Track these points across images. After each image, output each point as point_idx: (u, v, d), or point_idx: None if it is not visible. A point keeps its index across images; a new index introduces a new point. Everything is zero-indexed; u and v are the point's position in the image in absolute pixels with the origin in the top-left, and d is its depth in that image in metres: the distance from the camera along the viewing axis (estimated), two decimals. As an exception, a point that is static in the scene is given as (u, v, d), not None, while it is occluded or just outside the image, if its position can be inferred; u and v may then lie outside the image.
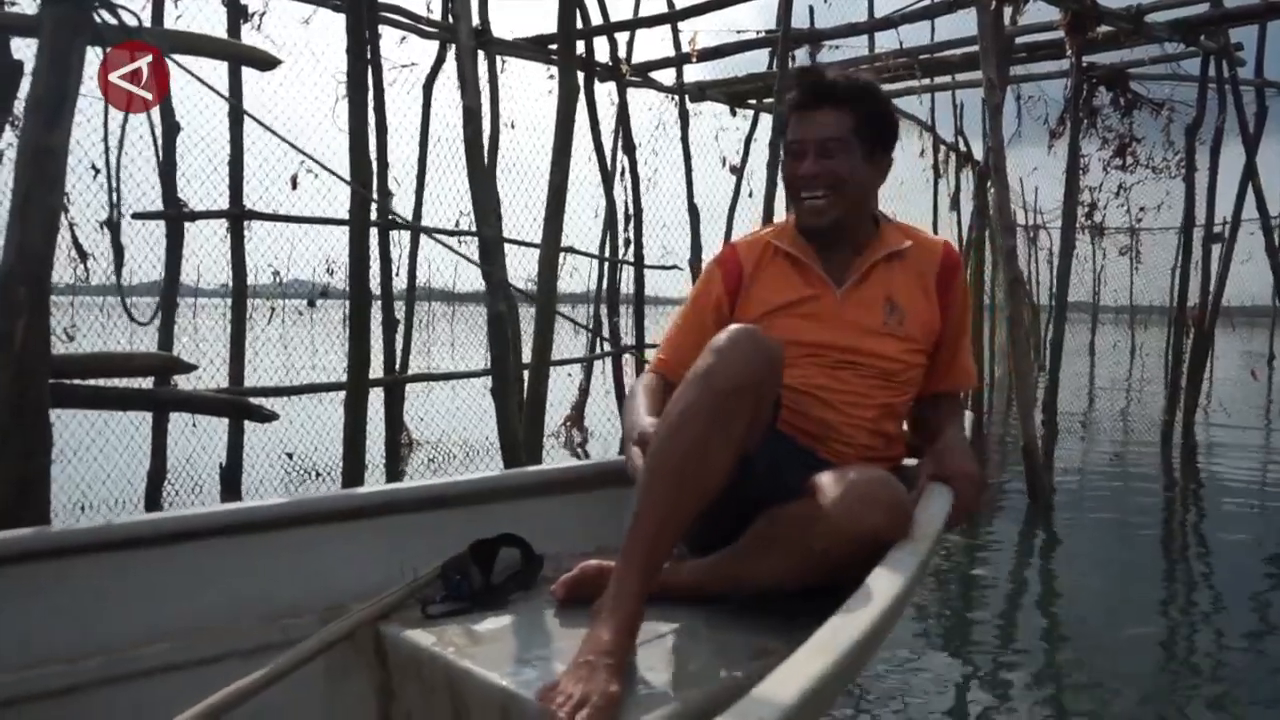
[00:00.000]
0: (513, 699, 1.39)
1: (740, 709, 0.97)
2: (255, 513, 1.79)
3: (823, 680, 1.06)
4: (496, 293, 3.26)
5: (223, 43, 2.44)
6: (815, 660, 1.09)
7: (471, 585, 1.75)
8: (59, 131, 2.20)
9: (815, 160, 1.81)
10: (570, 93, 3.62)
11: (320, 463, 5.20)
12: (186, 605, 1.63)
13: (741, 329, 1.59)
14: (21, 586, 1.50)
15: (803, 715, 1.01)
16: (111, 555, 1.59)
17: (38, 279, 2.18)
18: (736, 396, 1.50)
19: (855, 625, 1.21)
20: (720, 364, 1.52)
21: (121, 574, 1.59)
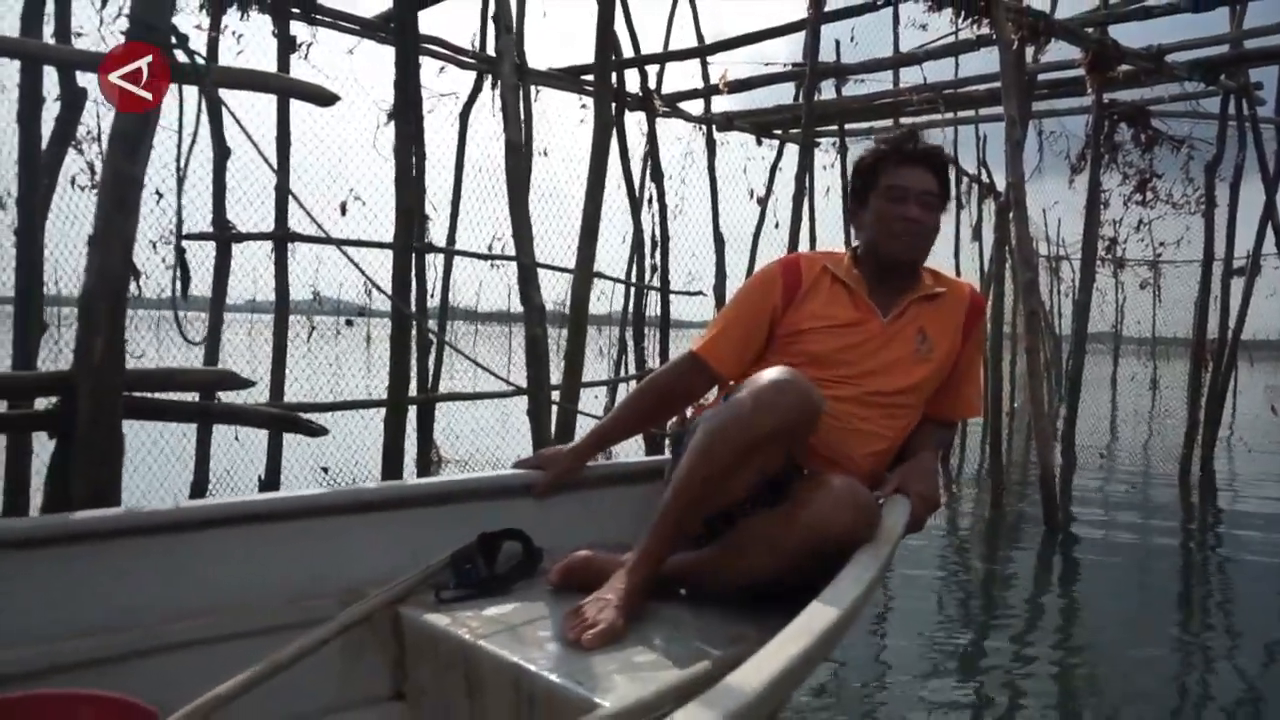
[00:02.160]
0: (523, 673, 1.55)
1: (745, 670, 1.17)
2: (281, 503, 1.95)
3: (802, 656, 1.27)
4: (534, 316, 3.42)
5: (287, 80, 2.61)
6: (798, 640, 1.30)
7: (479, 574, 1.91)
8: (138, 162, 2.37)
9: (917, 207, 2.04)
10: (605, 127, 3.78)
11: (354, 476, 5.36)
12: (217, 585, 1.76)
13: (792, 378, 1.73)
14: (69, 565, 1.64)
15: (775, 694, 1.19)
16: (151, 538, 1.73)
17: (116, 298, 2.34)
18: (771, 440, 1.72)
19: (829, 614, 1.40)
20: (763, 410, 1.70)
21: (159, 555, 1.73)
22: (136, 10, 2.42)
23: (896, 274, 2.11)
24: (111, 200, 2.35)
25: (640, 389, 2.21)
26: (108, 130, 4.13)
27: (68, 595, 1.63)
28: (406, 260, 3.60)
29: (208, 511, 1.86)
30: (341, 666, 1.81)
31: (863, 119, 7.95)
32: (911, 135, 2.19)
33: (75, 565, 1.66)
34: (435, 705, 1.77)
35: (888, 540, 1.71)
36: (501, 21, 3.50)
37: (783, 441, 1.75)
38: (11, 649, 1.53)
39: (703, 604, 1.84)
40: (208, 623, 1.72)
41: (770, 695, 1.22)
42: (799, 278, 2.12)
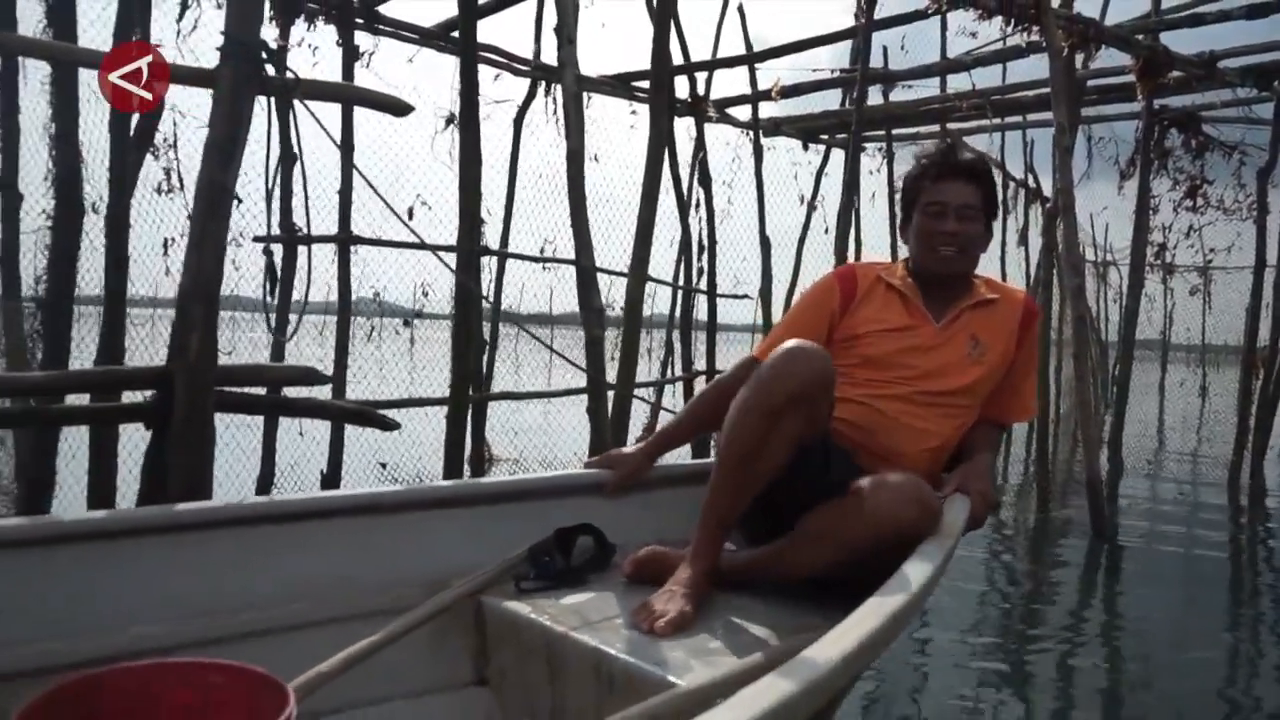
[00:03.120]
0: (603, 656, 1.66)
1: (813, 650, 1.26)
2: (371, 498, 2.07)
3: (872, 636, 1.35)
4: (594, 319, 3.54)
5: (366, 91, 2.74)
6: (864, 624, 1.38)
7: (556, 566, 2.03)
8: (231, 171, 2.52)
9: (955, 221, 2.12)
10: (660, 135, 3.89)
11: (410, 472, 5.52)
12: (313, 574, 1.89)
13: (797, 347, 1.85)
14: (191, 551, 1.79)
15: (848, 668, 1.28)
16: (255, 529, 1.86)
17: (209, 298, 2.49)
18: (790, 404, 1.81)
19: (896, 600, 1.48)
20: (776, 377, 1.82)
21: (262, 545, 1.86)
22: (230, 27, 2.56)
23: (946, 283, 2.20)
24: (206, 207, 2.50)
25: (704, 393, 2.32)
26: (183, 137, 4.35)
27: (197, 580, 1.77)
28: (471, 263, 3.73)
29: (306, 505, 1.99)
30: (428, 652, 1.91)
31: (910, 124, 7.99)
32: (950, 148, 2.27)
33: (185, 552, 1.79)
34: (517, 689, 1.88)
35: (949, 534, 1.80)
36: (564, 33, 3.62)
37: (802, 407, 1.82)
38: (137, 627, 1.67)
39: (768, 596, 1.94)
40: (305, 608, 1.85)
41: (843, 669, 1.32)
42: (854, 285, 2.22)
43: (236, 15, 2.56)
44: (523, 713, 1.89)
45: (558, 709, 1.78)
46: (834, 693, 1.47)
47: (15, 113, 3.74)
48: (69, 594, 1.67)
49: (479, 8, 4.12)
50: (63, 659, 1.58)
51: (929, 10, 5.13)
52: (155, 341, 4.65)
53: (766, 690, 1.22)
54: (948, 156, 2.22)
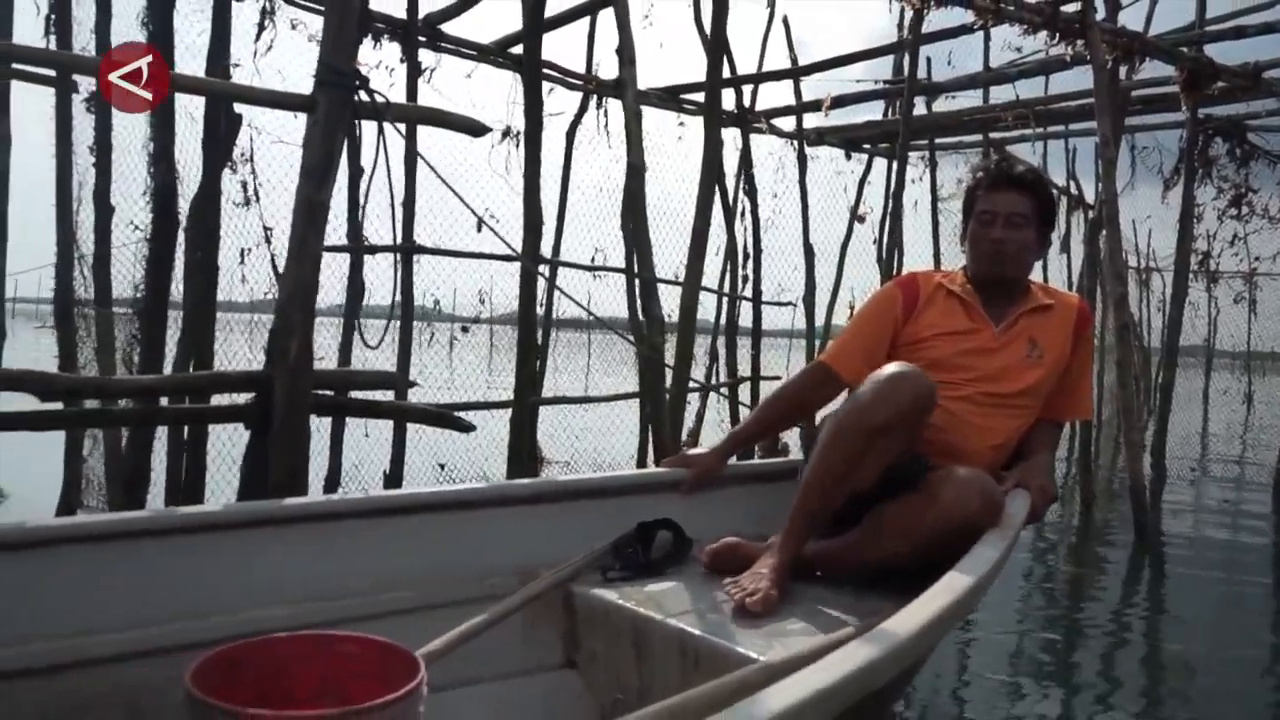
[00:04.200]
0: (688, 636, 1.82)
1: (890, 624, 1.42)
2: (466, 494, 2.26)
3: (944, 612, 1.51)
4: (654, 327, 3.70)
5: (447, 114, 2.93)
6: (936, 601, 1.54)
7: (639, 558, 2.19)
8: (327, 189, 2.72)
9: (1003, 229, 2.27)
10: (714, 152, 4.06)
11: (466, 472, 5.72)
12: (416, 563, 2.06)
13: (903, 372, 1.99)
14: (302, 542, 1.96)
15: (923, 641, 1.43)
16: (362, 521, 2.05)
17: (307, 307, 2.69)
18: (890, 428, 1.98)
19: (964, 581, 1.64)
20: (879, 402, 1.97)
21: (369, 535, 2.04)
22: (326, 56, 2.76)
23: (1004, 289, 2.34)
24: (304, 222, 2.70)
25: (773, 396, 2.47)
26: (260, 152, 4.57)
27: (311, 568, 1.95)
28: (534, 275, 3.91)
29: (405, 500, 2.18)
30: (521, 637, 2.07)
31: (953, 134, 8.08)
32: (1004, 160, 2.43)
33: (305, 543, 1.97)
34: (605, 670, 2.04)
35: (1011, 526, 1.94)
36: (625, 54, 3.79)
37: (901, 430, 1.98)
38: (264, 609, 1.86)
39: (838, 584, 2.09)
40: (409, 595, 2.01)
41: (919, 641, 1.47)
42: (916, 292, 2.38)
43: (333, 45, 2.76)
44: (610, 692, 2.03)
45: (645, 687, 1.92)
46: (910, 662, 1.62)
47: (108, 132, 3.99)
48: (203, 579, 1.85)
49: (540, 24, 4.30)
50: (204, 635, 1.76)
51: (974, 25, 5.24)
52: (229, 345, 4.87)
53: (854, 653, 1.37)
54: (1001, 167, 2.37)
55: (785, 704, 1.21)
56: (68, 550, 1.76)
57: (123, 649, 1.73)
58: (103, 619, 1.73)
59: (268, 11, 4.62)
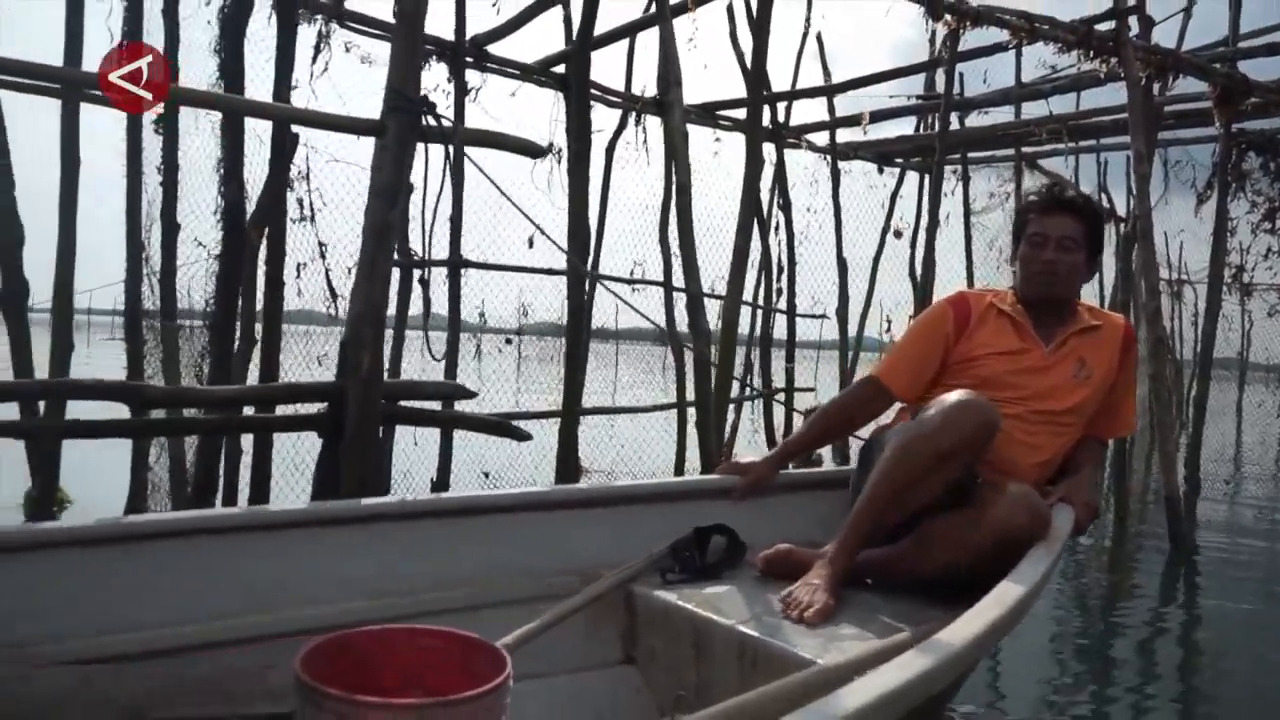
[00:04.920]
0: (747, 638, 1.91)
1: (951, 630, 1.52)
2: (530, 497, 2.37)
3: (997, 621, 1.60)
4: (701, 339, 3.82)
5: (506, 136, 3.07)
6: (989, 612, 1.63)
7: (696, 561, 2.29)
8: (396, 211, 2.87)
9: (1054, 251, 2.37)
10: (755, 171, 4.18)
11: (508, 480, 5.85)
12: (483, 562, 2.17)
13: (971, 400, 2.09)
14: (375, 540, 2.08)
15: (977, 649, 1.52)
16: (428, 521, 2.16)
17: (378, 322, 2.84)
18: (955, 453, 2.08)
19: (1016, 591, 1.74)
20: (947, 428, 2.07)
21: (432, 535, 2.15)
22: (395, 83, 2.91)
23: (1053, 310, 2.44)
24: (374, 243, 2.85)
25: (825, 409, 2.58)
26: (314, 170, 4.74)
27: (379, 565, 2.07)
28: (582, 287, 4.05)
29: (475, 501, 2.30)
30: (582, 635, 2.17)
31: (985, 148, 8.16)
32: (1056, 186, 2.54)
33: (384, 541, 2.10)
34: (664, 667, 2.14)
35: (1058, 539, 2.04)
36: (671, 76, 3.93)
37: (965, 455, 2.09)
38: (339, 604, 1.97)
39: (890, 593, 2.18)
40: (475, 592, 2.13)
41: (973, 649, 1.57)
42: (968, 311, 2.47)
43: (402, 72, 2.92)
44: (668, 689, 2.12)
45: (703, 685, 2.01)
46: (964, 668, 1.72)
47: (175, 153, 4.17)
48: (284, 574, 1.98)
49: (588, 46, 4.44)
50: (285, 628, 1.89)
51: (1009, 44, 5.33)
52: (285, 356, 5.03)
53: (915, 660, 1.47)
54: (1052, 192, 2.47)
55: (855, 705, 1.32)
56: (165, 545, 1.90)
57: (213, 638, 1.86)
58: (195, 610, 1.87)
59: (323, 35, 4.80)
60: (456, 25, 5.29)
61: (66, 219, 4.30)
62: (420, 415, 2.96)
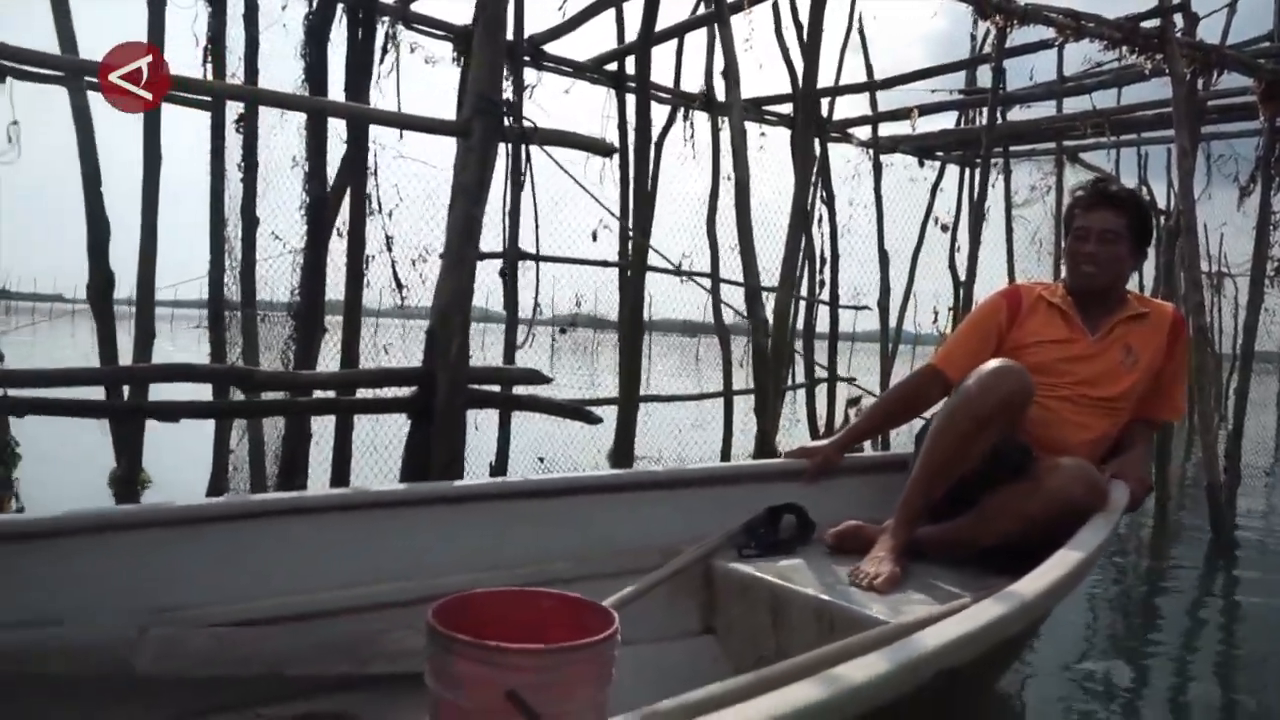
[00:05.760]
0: (824, 604, 2.09)
1: (1007, 591, 1.67)
2: (614, 479, 2.56)
3: (1059, 581, 1.76)
4: (760, 329, 3.99)
5: (578, 136, 3.26)
6: (1054, 571, 1.80)
7: (769, 538, 2.46)
8: (480, 206, 3.06)
9: (1096, 244, 2.52)
10: (807, 170, 4.33)
11: (563, 464, 6.05)
12: (571, 539, 2.35)
13: (1006, 366, 2.26)
14: (474, 518, 2.26)
15: (1044, 604, 1.68)
16: (521, 501, 2.35)
17: (464, 310, 3.03)
18: (987, 420, 2.26)
19: (1075, 556, 1.90)
20: (983, 392, 2.25)
21: (527, 514, 2.34)
22: (479, 88, 3.10)
23: (1099, 300, 2.59)
24: (461, 237, 3.04)
25: (887, 395, 2.76)
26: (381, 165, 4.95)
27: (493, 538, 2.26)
28: (642, 278, 4.22)
29: (563, 483, 2.50)
30: (664, 607, 2.33)
31: (1026, 141, 8.23)
32: (1101, 181, 2.69)
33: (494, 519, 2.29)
34: (742, 636, 2.31)
35: (1115, 510, 2.20)
36: (730, 77, 4.09)
37: (1003, 417, 2.25)
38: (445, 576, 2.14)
39: (950, 565, 2.35)
40: (565, 566, 2.30)
41: (1040, 603, 1.74)
42: (1019, 302, 2.63)
43: (486, 78, 3.11)
44: (746, 655, 2.29)
45: (782, 650, 2.17)
46: (1030, 622, 1.88)
47: (254, 150, 4.40)
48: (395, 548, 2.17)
49: (650, 44, 4.60)
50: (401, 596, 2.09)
51: (1054, 41, 5.43)
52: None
53: (991, 607, 1.64)
54: (1096, 187, 2.63)
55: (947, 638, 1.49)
56: (299, 520, 2.11)
57: (339, 605, 2.06)
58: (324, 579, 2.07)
59: (390, 36, 4.99)
60: (515, 25, 5.47)
61: (148, 214, 4.54)
62: (503, 399, 3.15)
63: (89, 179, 4.28)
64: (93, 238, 4.30)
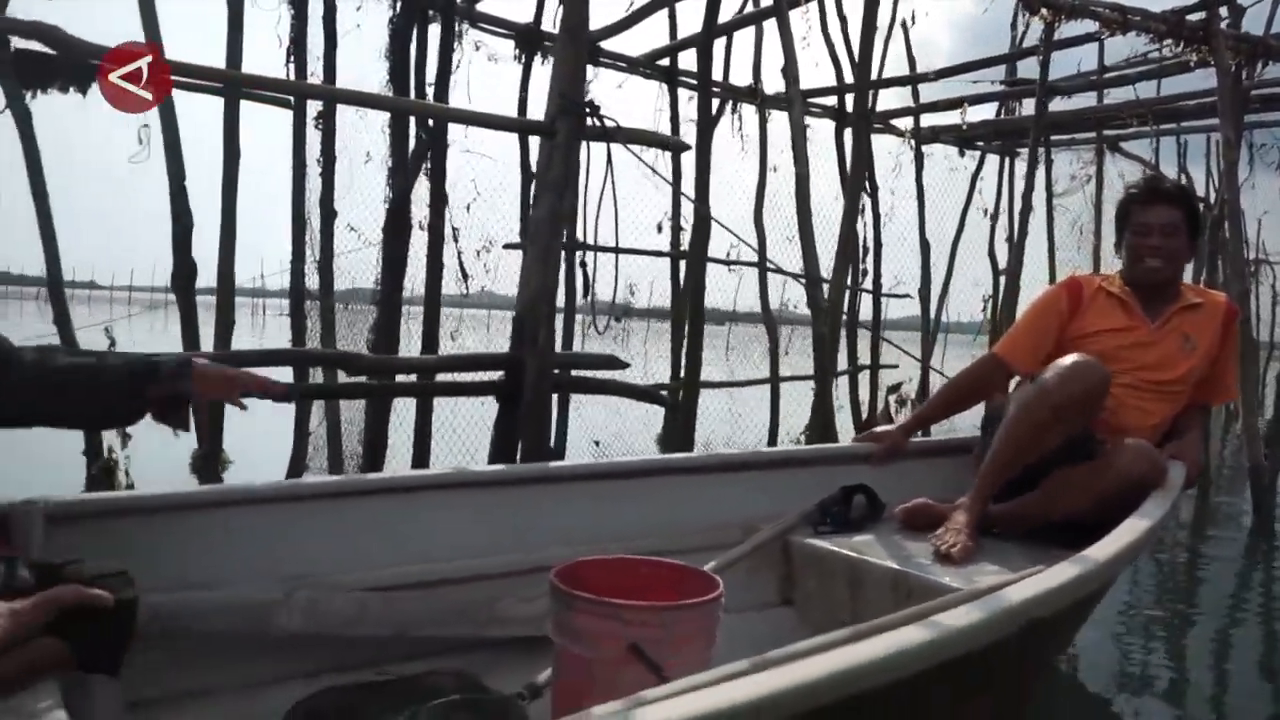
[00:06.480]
0: (899, 574, 2.24)
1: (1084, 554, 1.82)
2: (697, 460, 2.74)
3: (1128, 547, 1.91)
4: (820, 317, 4.17)
5: (653, 134, 3.45)
6: (1122, 538, 1.95)
7: (842, 516, 2.63)
8: (567, 202, 3.26)
9: (1160, 238, 2.68)
10: (861, 165, 4.49)
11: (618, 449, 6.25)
12: (659, 516, 2.52)
13: (1085, 361, 2.41)
14: (574, 496, 2.45)
15: (1116, 566, 1.82)
16: (614, 481, 2.53)
17: (551, 300, 3.23)
18: (1065, 410, 2.41)
19: (1141, 525, 2.06)
20: (1059, 386, 2.40)
21: (621, 492, 2.53)
22: (562, 88, 3.29)
23: (1158, 291, 2.74)
24: (548, 231, 3.24)
25: (951, 381, 2.93)
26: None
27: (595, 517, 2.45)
28: (703, 267, 4.41)
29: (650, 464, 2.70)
30: (744, 579, 2.46)
31: (1067, 131, 8.32)
32: (1155, 179, 2.84)
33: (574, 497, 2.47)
34: (821, 605, 2.47)
35: (1174, 486, 2.37)
36: (790, 74, 4.25)
37: (1079, 408, 2.41)
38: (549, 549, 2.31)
39: (1018, 540, 2.51)
40: (652, 542, 2.42)
41: (1112, 565, 1.90)
42: (1080, 293, 2.79)
43: (570, 80, 3.29)
44: (824, 624, 2.37)
45: (859, 617, 2.23)
46: (1102, 583, 2.05)
47: (333, 146, 4.61)
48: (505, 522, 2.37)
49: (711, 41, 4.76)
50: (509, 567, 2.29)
51: (1100, 34, 5.54)
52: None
53: (1068, 568, 1.81)
54: (1152, 184, 2.78)
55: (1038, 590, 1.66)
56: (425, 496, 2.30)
57: (459, 574, 2.25)
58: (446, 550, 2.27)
59: (456, 35, 5.18)
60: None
61: (228, 206, 4.76)
62: (585, 383, 3.35)
63: (174, 174, 4.51)
64: (178, 231, 4.52)
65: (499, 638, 2.22)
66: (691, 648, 1.92)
